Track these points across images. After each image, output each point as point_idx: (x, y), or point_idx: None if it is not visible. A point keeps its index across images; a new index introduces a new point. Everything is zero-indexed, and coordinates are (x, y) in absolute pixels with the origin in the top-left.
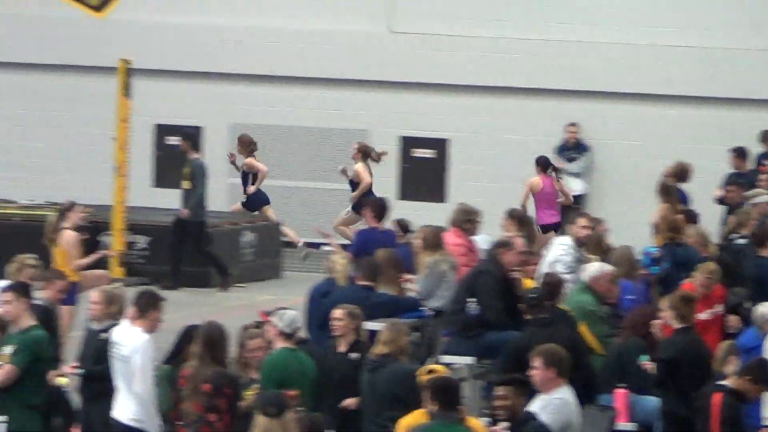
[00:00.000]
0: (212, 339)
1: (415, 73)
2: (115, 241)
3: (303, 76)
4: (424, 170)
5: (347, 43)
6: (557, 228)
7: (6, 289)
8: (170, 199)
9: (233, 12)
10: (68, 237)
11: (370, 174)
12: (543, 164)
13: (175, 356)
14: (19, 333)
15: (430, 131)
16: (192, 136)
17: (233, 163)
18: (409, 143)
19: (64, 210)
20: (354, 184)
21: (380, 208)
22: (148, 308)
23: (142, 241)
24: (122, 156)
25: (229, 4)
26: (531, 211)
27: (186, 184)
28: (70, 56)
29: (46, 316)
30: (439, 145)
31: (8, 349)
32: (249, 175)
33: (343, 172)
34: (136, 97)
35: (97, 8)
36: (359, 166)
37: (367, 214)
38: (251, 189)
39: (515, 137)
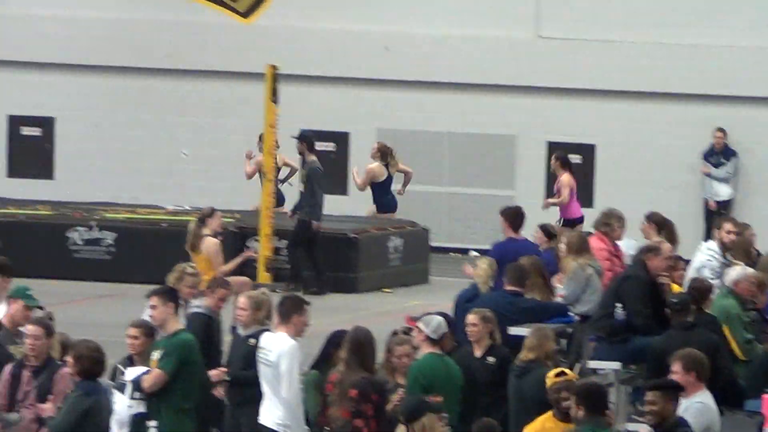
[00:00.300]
0: (359, 344)
1: (562, 79)
2: (262, 247)
3: (450, 81)
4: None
5: (494, 48)
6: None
7: (152, 294)
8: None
9: (380, 18)
10: (209, 243)
11: (388, 173)
12: (563, 160)
13: (323, 361)
14: (166, 338)
15: (577, 136)
16: (308, 138)
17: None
18: (556, 148)
19: (204, 216)
20: (373, 183)
21: (516, 218)
22: (291, 313)
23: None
24: (269, 161)
25: (376, 10)
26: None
27: (302, 186)
28: (218, 62)
29: (208, 325)
30: (586, 150)
31: (156, 355)
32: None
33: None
34: (283, 102)
35: (245, 14)
36: (374, 166)
37: (503, 224)
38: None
39: (662, 142)
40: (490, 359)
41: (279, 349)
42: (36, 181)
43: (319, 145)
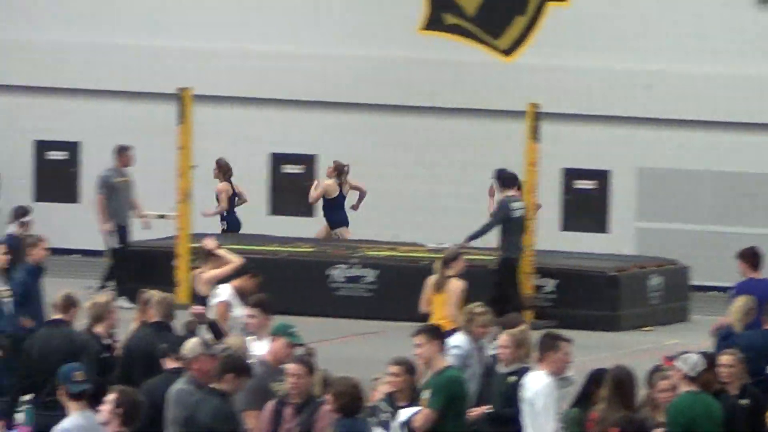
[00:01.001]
0: (621, 382)
1: None
2: (524, 285)
3: (711, 119)
4: None
5: (756, 86)
6: None
7: (418, 332)
8: (578, 244)
9: (641, 56)
10: (454, 286)
11: (340, 189)
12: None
13: (584, 399)
14: (433, 376)
15: None
16: (500, 176)
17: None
18: None
19: (449, 260)
20: (325, 200)
21: (754, 257)
22: (546, 350)
23: (549, 284)
24: (531, 200)
25: (637, 49)
26: None
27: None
28: (478, 100)
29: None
30: None
31: (426, 394)
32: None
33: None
34: (544, 140)
35: (506, 52)
36: (329, 182)
37: (743, 266)
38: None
39: None
40: (744, 401)
41: (535, 387)
42: (297, 218)
43: (579, 183)
